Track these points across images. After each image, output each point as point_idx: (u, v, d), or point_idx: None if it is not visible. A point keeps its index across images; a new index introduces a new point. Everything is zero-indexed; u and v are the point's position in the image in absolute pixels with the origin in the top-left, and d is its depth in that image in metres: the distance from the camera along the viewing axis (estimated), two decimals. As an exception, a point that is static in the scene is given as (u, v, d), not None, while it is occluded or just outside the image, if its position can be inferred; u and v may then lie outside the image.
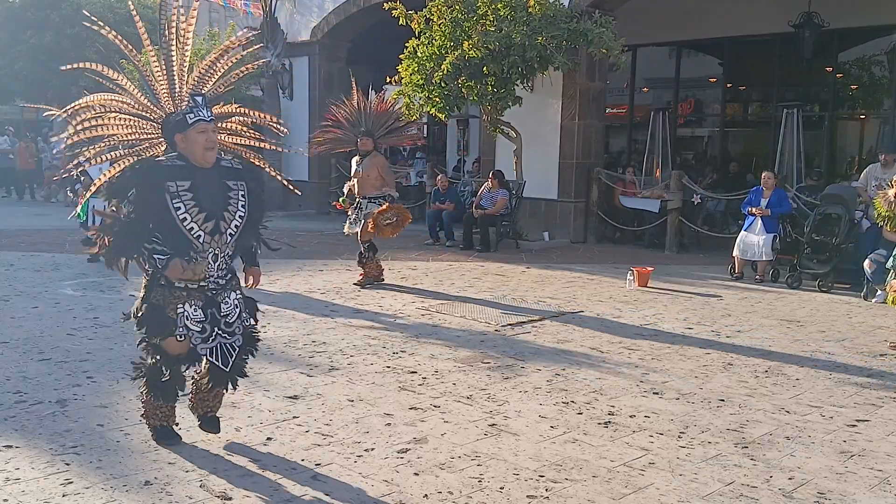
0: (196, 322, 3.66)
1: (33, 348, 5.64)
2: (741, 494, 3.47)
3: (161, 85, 3.69)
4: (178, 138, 3.61)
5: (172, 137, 3.64)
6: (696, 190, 12.02)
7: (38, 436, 3.97)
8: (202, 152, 3.59)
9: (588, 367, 5.50)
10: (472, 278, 9.26)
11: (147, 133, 3.74)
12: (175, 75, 3.70)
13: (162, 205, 3.53)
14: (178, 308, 3.64)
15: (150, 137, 3.74)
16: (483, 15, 10.99)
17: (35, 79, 20.51)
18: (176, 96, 3.70)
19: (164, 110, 3.70)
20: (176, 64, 3.70)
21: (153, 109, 3.71)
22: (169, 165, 3.59)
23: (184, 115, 3.59)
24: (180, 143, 3.61)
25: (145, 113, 3.71)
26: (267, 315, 6.80)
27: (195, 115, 3.58)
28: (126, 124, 3.70)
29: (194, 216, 3.55)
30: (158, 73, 3.68)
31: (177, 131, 3.61)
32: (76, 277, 8.71)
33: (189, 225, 3.55)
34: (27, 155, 20.08)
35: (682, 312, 7.50)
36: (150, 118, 3.72)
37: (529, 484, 3.53)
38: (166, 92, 3.69)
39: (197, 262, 3.59)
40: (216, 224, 3.60)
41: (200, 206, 3.57)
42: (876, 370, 5.61)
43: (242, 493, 3.37)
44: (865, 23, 13.02)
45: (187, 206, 3.55)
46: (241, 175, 3.76)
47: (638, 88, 16.57)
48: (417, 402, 4.63)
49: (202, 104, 3.64)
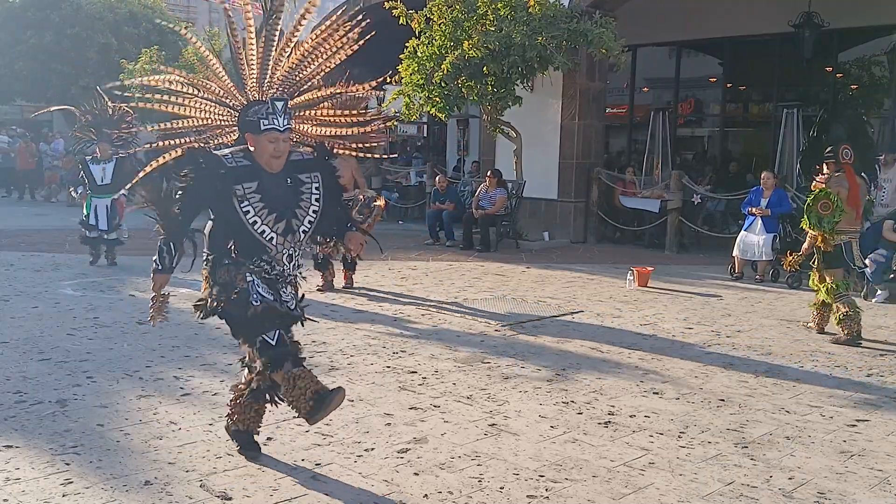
0: (267, 291, 3.47)
1: (33, 348, 5.64)
2: (741, 494, 3.47)
3: (252, 70, 3.46)
4: (249, 137, 3.46)
5: (244, 133, 3.49)
6: (697, 190, 12.02)
7: (38, 436, 3.97)
8: (268, 159, 3.43)
9: (588, 367, 5.49)
10: (472, 278, 9.26)
11: (222, 119, 3.57)
12: (270, 63, 3.47)
13: (230, 209, 3.38)
14: (246, 277, 3.45)
15: (223, 124, 3.58)
16: (483, 15, 11.00)
17: (35, 79, 20.50)
18: (264, 85, 3.49)
19: (246, 98, 3.50)
20: (275, 52, 3.46)
21: (236, 96, 3.52)
22: (234, 167, 3.40)
23: (258, 119, 3.40)
24: (250, 142, 3.46)
25: (227, 99, 3.53)
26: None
27: (269, 122, 3.39)
28: (204, 108, 3.53)
29: (264, 218, 3.40)
30: (253, 58, 3.44)
31: (248, 131, 3.46)
32: (76, 277, 8.71)
33: (260, 228, 3.40)
34: (27, 155, 20.08)
35: (682, 312, 7.50)
36: (231, 105, 3.54)
37: (529, 484, 3.53)
38: (255, 79, 3.47)
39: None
40: (288, 224, 3.45)
41: (270, 207, 3.41)
42: (876, 370, 5.61)
43: (242, 493, 3.37)
44: (865, 23, 13.02)
45: (256, 209, 3.39)
46: (313, 166, 3.59)
47: (638, 88, 16.57)
48: (417, 402, 4.63)
49: (280, 111, 3.41)
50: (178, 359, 5.48)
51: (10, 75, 20.54)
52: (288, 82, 3.56)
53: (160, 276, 3.58)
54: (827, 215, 6.29)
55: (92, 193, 9.50)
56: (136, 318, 6.68)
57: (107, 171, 9.46)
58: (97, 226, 9.46)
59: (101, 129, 9.60)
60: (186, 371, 5.17)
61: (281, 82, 3.53)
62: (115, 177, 9.47)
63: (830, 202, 6.29)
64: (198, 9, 25.25)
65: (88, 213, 9.50)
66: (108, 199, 9.49)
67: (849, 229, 6.46)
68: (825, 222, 6.32)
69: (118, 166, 9.52)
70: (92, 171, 9.50)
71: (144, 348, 5.74)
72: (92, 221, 9.48)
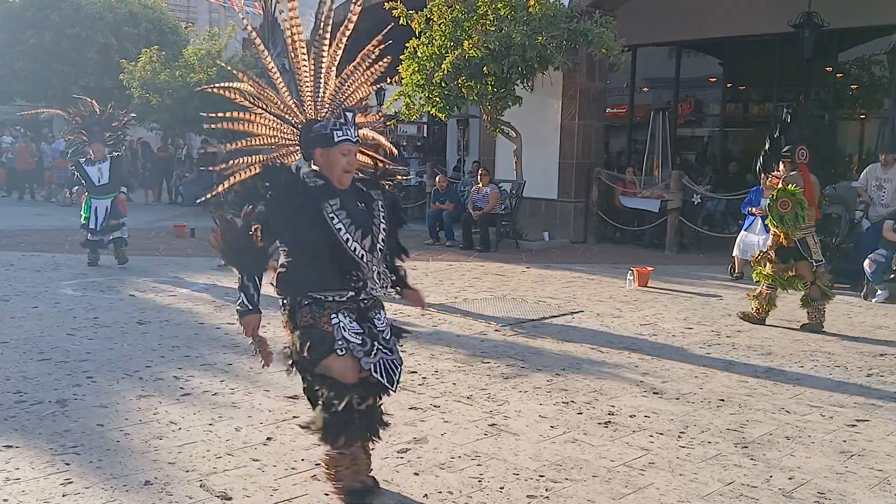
0: (355, 333, 3.20)
1: (33, 348, 5.64)
2: (741, 494, 3.47)
3: (307, 86, 3.28)
4: (318, 153, 3.23)
5: (312, 150, 3.26)
6: (697, 190, 12.02)
7: (38, 436, 3.97)
8: (340, 174, 3.21)
9: (588, 367, 5.49)
10: (472, 278, 9.26)
11: (286, 138, 3.35)
12: (322, 78, 3.29)
13: (321, 230, 3.14)
14: (332, 319, 3.18)
15: (287, 144, 3.36)
16: (483, 15, 11.00)
17: (35, 79, 20.51)
18: (318, 102, 3.32)
19: (304, 115, 3.31)
20: (325, 65, 3.29)
21: (296, 113, 3.32)
22: (314, 186, 3.19)
23: (331, 131, 3.20)
24: (319, 158, 3.23)
25: (289, 115, 3.32)
26: (266, 315, 6.80)
27: (343, 133, 3.20)
28: (270, 125, 3.32)
29: (353, 234, 3.17)
30: (305, 72, 3.27)
31: (319, 145, 3.22)
32: (76, 277, 8.71)
33: (352, 245, 3.16)
34: (27, 155, 20.09)
35: (682, 312, 7.50)
36: (292, 122, 3.33)
37: (529, 484, 3.53)
38: (310, 95, 3.30)
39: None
40: (373, 239, 3.23)
41: (356, 223, 3.20)
42: (876, 370, 5.61)
43: (242, 493, 3.37)
44: (865, 23, 13.02)
45: (346, 226, 3.17)
46: (374, 185, 3.41)
47: (638, 88, 16.57)
48: (417, 402, 4.63)
49: (351, 122, 3.25)
50: (178, 359, 5.48)
51: (10, 75, 20.55)
52: (335, 102, 3.38)
53: (251, 318, 3.20)
54: (788, 213, 6.57)
55: (90, 195, 9.49)
56: (136, 318, 6.69)
57: (103, 172, 9.44)
58: (96, 227, 9.45)
59: (91, 130, 9.59)
60: (186, 371, 5.17)
61: (330, 101, 3.36)
62: (112, 176, 9.47)
63: (792, 201, 6.56)
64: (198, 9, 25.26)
65: (89, 216, 9.47)
66: (107, 199, 9.49)
67: (805, 226, 6.74)
68: (788, 220, 6.59)
69: (114, 165, 9.53)
70: (88, 173, 9.47)
71: (144, 348, 5.74)
72: (92, 224, 9.46)
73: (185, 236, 12.51)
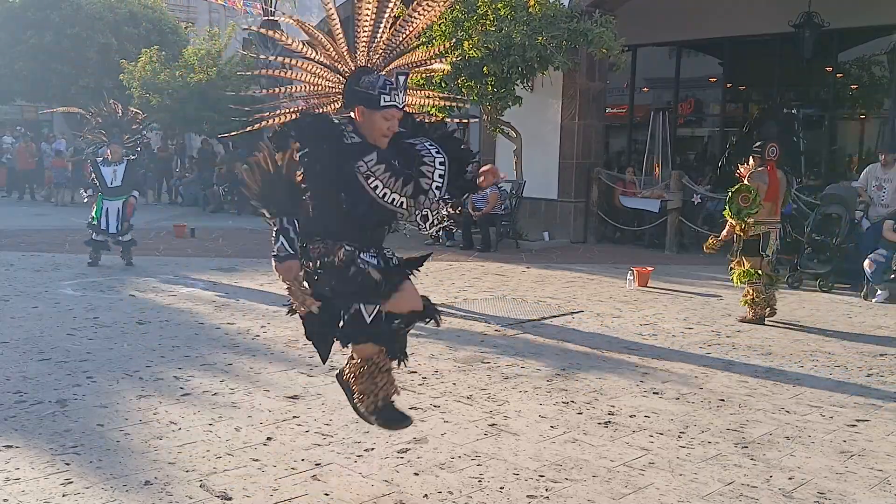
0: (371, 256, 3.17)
1: (33, 348, 5.64)
2: (741, 494, 3.47)
3: (364, 32, 3.17)
4: (360, 110, 3.12)
5: (353, 104, 3.16)
6: (697, 190, 12.02)
7: (38, 436, 3.97)
8: (378, 136, 3.10)
9: (588, 367, 5.49)
10: (472, 278, 9.26)
11: (330, 86, 3.25)
12: (383, 23, 3.19)
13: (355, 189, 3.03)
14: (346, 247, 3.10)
15: (330, 93, 3.27)
16: (483, 15, 11.00)
17: (35, 79, 20.52)
18: (372, 49, 3.21)
19: (356, 62, 3.21)
20: (389, 12, 3.18)
21: (347, 60, 3.21)
22: (350, 143, 3.07)
23: (378, 93, 3.07)
24: (359, 115, 3.13)
25: (339, 63, 3.21)
26: (267, 315, 6.81)
27: (392, 98, 3.07)
28: (316, 73, 3.22)
29: (393, 187, 3.06)
30: (367, 17, 3.15)
31: (362, 104, 3.11)
32: (76, 277, 8.71)
33: (391, 197, 3.05)
34: (27, 155, 20.09)
35: (682, 312, 7.50)
36: (340, 70, 3.22)
37: (529, 484, 3.53)
38: (366, 42, 3.19)
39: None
40: (416, 185, 3.11)
41: (396, 174, 3.07)
42: (876, 370, 5.61)
43: (242, 493, 3.37)
44: (865, 23, 13.02)
45: (384, 181, 3.04)
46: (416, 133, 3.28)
47: (638, 88, 16.56)
48: (417, 402, 4.63)
49: (402, 86, 3.12)
50: (178, 359, 5.48)
51: (10, 75, 20.55)
52: (390, 47, 3.27)
53: (292, 263, 2.95)
54: (746, 207, 6.78)
55: (103, 196, 9.47)
56: (136, 318, 6.69)
57: (117, 174, 9.45)
58: (107, 229, 9.43)
59: (111, 130, 9.61)
60: (186, 371, 5.17)
61: (385, 47, 3.25)
62: (125, 179, 9.48)
63: (749, 195, 6.78)
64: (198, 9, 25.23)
65: (98, 217, 9.46)
66: (118, 201, 9.48)
67: (767, 221, 6.95)
68: (743, 213, 6.81)
69: (129, 168, 9.54)
70: (103, 174, 9.48)
71: (144, 348, 5.74)
72: (103, 226, 9.45)
73: (185, 236, 12.51)
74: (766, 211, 6.90)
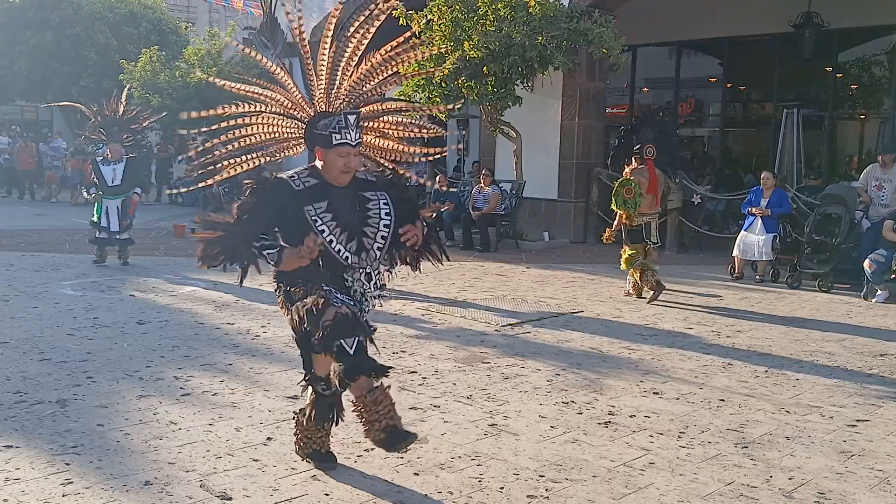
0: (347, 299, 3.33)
1: (33, 348, 5.64)
2: (741, 494, 3.47)
3: (320, 81, 3.37)
4: (318, 152, 3.35)
5: (312, 146, 3.38)
6: (697, 190, 12.02)
7: (38, 436, 3.97)
8: (337, 175, 3.32)
9: (588, 367, 5.49)
10: (472, 278, 9.26)
11: (289, 132, 3.46)
12: (339, 72, 3.37)
13: (304, 232, 3.23)
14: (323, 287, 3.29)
15: (289, 137, 3.47)
16: (483, 15, 10.99)
17: (35, 79, 20.53)
18: (332, 95, 3.39)
19: (314, 108, 3.41)
20: (345, 60, 3.36)
21: (304, 108, 3.42)
22: (300, 189, 3.29)
23: (330, 133, 3.28)
24: (318, 156, 3.35)
25: (295, 111, 3.43)
26: (267, 315, 6.81)
27: (342, 136, 3.27)
28: (271, 123, 3.43)
29: (338, 237, 3.28)
30: (322, 67, 3.35)
31: (318, 145, 3.34)
32: (76, 277, 8.71)
33: (336, 247, 3.27)
34: (27, 155, 20.08)
35: (682, 312, 7.51)
36: (298, 117, 3.43)
37: (529, 484, 3.53)
38: (323, 89, 3.38)
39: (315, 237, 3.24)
40: (359, 243, 3.31)
41: (342, 226, 3.29)
42: (876, 370, 5.61)
43: (242, 493, 3.37)
44: (865, 23, 13.03)
45: (330, 228, 3.27)
46: (377, 186, 3.46)
47: (638, 88, 16.57)
48: (417, 402, 4.63)
49: (353, 125, 3.30)
50: (178, 359, 5.48)
51: (10, 75, 20.56)
52: (354, 94, 3.44)
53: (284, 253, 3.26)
54: (630, 199, 7.71)
55: (103, 195, 9.48)
56: (136, 318, 6.69)
57: (117, 172, 9.47)
58: (108, 227, 9.45)
59: (110, 129, 9.61)
60: (186, 371, 5.17)
61: (347, 93, 3.42)
62: (125, 178, 9.49)
63: (632, 188, 7.69)
64: (198, 9, 25.27)
65: (100, 216, 9.47)
66: (118, 199, 9.49)
67: (648, 212, 7.94)
68: (629, 204, 7.73)
69: (128, 167, 9.54)
70: (102, 173, 9.50)
71: (144, 348, 5.74)
72: (103, 223, 9.46)
73: (184, 236, 12.51)
74: (647, 203, 7.84)
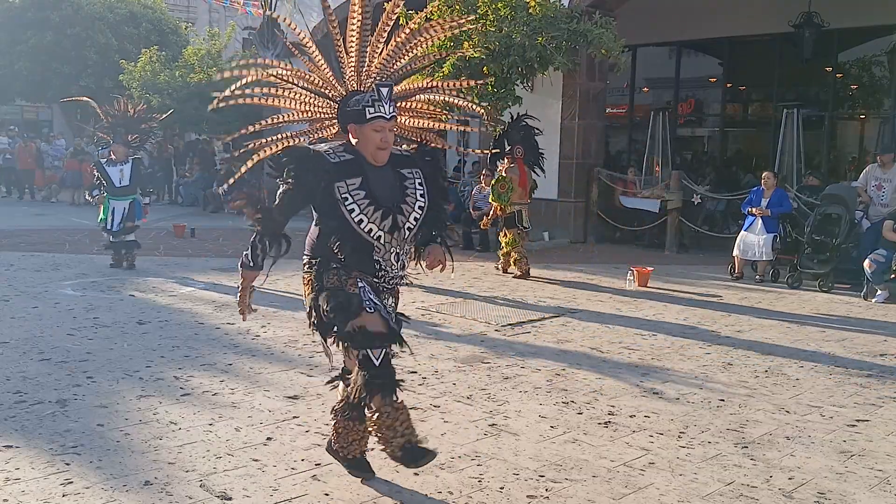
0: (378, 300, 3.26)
1: (33, 348, 5.64)
2: (741, 494, 3.47)
3: (350, 59, 3.31)
4: (352, 129, 3.24)
5: (346, 125, 3.29)
6: (697, 190, 12.02)
7: (38, 436, 3.97)
8: (374, 151, 3.20)
9: (588, 367, 5.49)
10: (472, 278, 9.26)
11: (322, 111, 3.39)
12: (368, 49, 3.32)
13: (333, 208, 3.16)
14: (358, 282, 3.22)
15: (323, 117, 3.41)
16: (483, 15, 10.99)
17: (35, 79, 20.51)
18: (363, 73, 3.32)
19: (346, 87, 3.33)
20: (373, 38, 3.30)
21: (335, 86, 3.35)
22: (336, 162, 3.17)
23: (363, 108, 3.18)
24: (353, 133, 3.25)
25: (326, 89, 3.35)
26: (267, 315, 6.81)
27: (376, 109, 3.17)
28: (303, 101, 3.36)
29: (370, 216, 3.15)
30: (352, 45, 3.29)
31: (352, 121, 3.23)
32: (76, 277, 8.71)
33: (367, 227, 3.15)
34: (27, 155, 20.07)
35: (682, 312, 7.51)
36: (330, 95, 3.36)
37: (529, 484, 3.53)
38: (354, 68, 3.32)
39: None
40: (394, 220, 3.20)
41: (376, 204, 3.17)
42: (876, 370, 5.61)
43: (242, 493, 3.37)
44: (865, 23, 13.02)
45: (361, 207, 3.15)
46: (413, 162, 3.38)
47: (638, 88, 16.57)
48: (417, 402, 4.62)
49: (386, 97, 3.19)
50: (178, 359, 5.48)
51: (10, 75, 20.54)
52: (385, 71, 3.37)
53: (250, 273, 3.35)
54: (504, 192, 9.16)
55: (110, 196, 9.42)
56: (136, 318, 6.69)
57: (124, 173, 9.39)
58: (112, 227, 9.40)
59: (116, 130, 9.57)
60: (186, 371, 5.17)
61: (378, 71, 3.36)
62: (132, 178, 9.45)
63: (506, 184, 9.16)
64: (198, 9, 25.24)
65: (107, 217, 9.41)
66: (126, 201, 9.44)
67: (519, 202, 9.39)
68: (503, 197, 9.18)
69: (135, 167, 9.50)
70: (109, 174, 9.41)
71: (144, 348, 5.74)
72: (108, 225, 9.41)
73: (185, 236, 12.50)
74: (518, 195, 9.30)
